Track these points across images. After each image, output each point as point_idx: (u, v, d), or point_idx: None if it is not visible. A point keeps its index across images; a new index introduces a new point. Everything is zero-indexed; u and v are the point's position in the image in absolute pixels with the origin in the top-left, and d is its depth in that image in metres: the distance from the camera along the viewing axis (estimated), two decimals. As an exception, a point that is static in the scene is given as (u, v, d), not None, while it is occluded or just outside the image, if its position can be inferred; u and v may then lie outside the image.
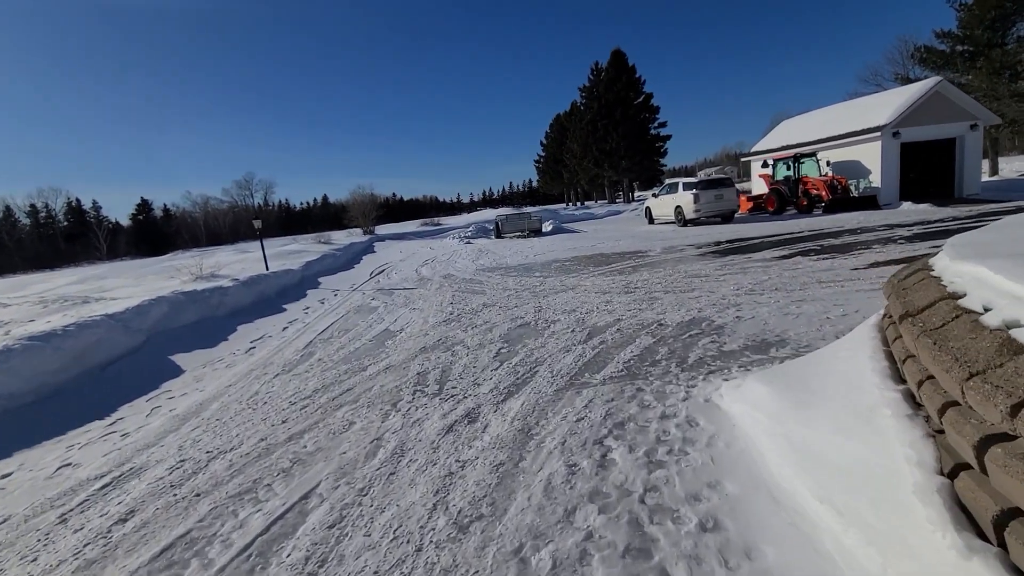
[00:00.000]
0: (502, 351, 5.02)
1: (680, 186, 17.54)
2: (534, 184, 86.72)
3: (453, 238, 23.84)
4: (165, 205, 78.83)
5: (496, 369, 4.50)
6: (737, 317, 5.33)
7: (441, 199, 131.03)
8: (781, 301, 5.79)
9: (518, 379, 4.21)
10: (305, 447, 3.36)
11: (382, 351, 5.57)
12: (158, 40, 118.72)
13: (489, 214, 35.24)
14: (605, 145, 39.58)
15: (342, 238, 28.71)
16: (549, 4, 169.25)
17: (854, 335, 3.00)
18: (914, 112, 16.10)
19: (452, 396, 3.99)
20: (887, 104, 16.84)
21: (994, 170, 25.18)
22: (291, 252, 17.64)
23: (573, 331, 5.47)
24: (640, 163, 40.44)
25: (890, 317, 2.66)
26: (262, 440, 3.55)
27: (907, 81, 24.18)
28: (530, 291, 8.21)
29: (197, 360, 6.09)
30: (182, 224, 79.66)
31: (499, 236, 22.21)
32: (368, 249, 23.56)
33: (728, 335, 4.77)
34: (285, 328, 7.44)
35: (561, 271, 10.14)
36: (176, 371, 5.73)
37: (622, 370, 4.15)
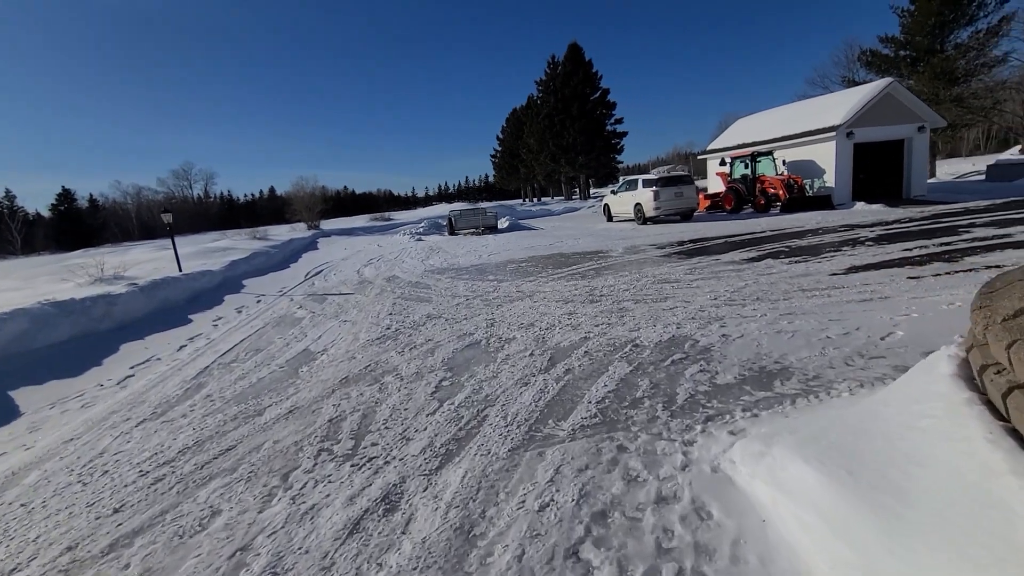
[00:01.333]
0: (444, 384, 3.99)
1: (640, 183, 16.97)
2: (490, 179, 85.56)
3: (404, 234, 22.47)
4: (92, 195, 72.16)
5: (433, 413, 3.46)
6: (723, 335, 4.53)
7: (396, 193, 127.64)
8: (768, 315, 5.04)
9: (461, 430, 3.19)
10: (127, 568, 2.21)
11: (292, 384, 4.41)
12: (77, 15, 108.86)
13: (443, 209, 33.94)
14: (562, 140, 38.98)
15: (283, 233, 26.65)
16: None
17: (921, 381, 2.17)
18: (867, 113, 16.17)
19: (369, 461, 2.92)
20: (841, 104, 16.87)
21: (931, 172, 26.28)
22: (218, 250, 15.83)
23: (532, 354, 4.50)
24: (597, 159, 40.13)
25: (994, 363, 1.81)
26: (66, 552, 2.36)
27: (853, 84, 24.76)
28: (482, 299, 7.20)
29: (46, 396, 4.70)
30: (111, 216, 73.33)
31: (453, 233, 21.05)
32: (310, 246, 21.81)
33: (718, 361, 3.94)
34: (182, 347, 6.09)
35: (518, 274, 9.18)
36: (9, 414, 4.34)
37: (595, 415, 3.21)
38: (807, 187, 16.61)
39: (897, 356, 3.74)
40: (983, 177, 20.46)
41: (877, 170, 17.38)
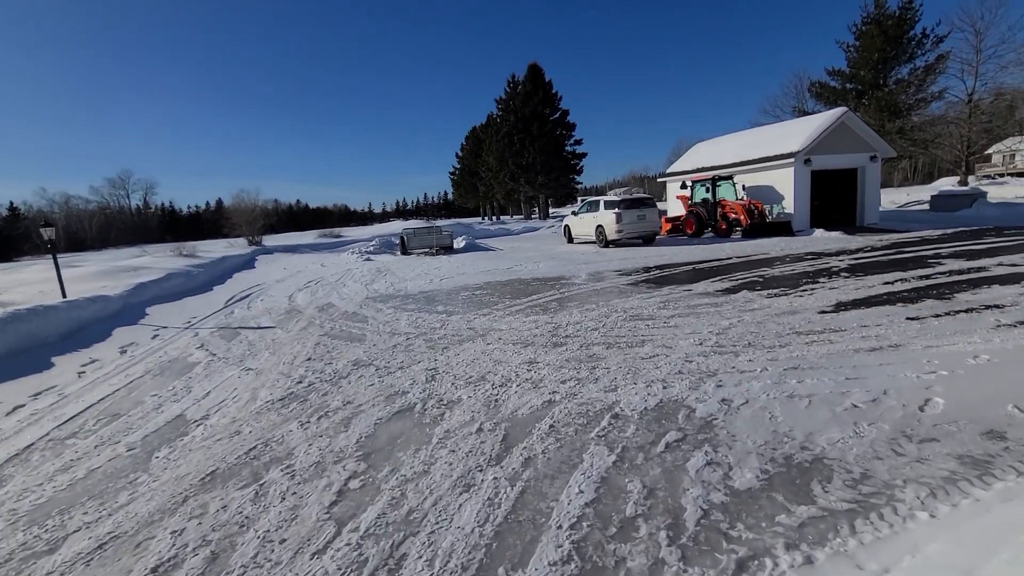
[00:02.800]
0: (351, 488, 2.79)
1: (601, 204, 16.33)
2: (449, 196, 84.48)
3: (352, 253, 20.94)
4: (12, 203, 65.90)
5: (322, 552, 2.27)
6: (724, 401, 3.56)
7: (353, 208, 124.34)
8: (769, 368, 4.14)
9: (361, 588, 2.02)
10: None
11: (132, 484, 3.09)
12: None
13: (398, 227, 32.48)
14: (522, 160, 38.50)
15: (218, 250, 24.49)
16: (469, 13, 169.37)
17: None
18: (823, 140, 16.24)
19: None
20: (798, 131, 16.92)
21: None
22: (130, 269, 13.87)
23: (480, 429, 3.38)
24: (557, 179, 39.86)
25: None
26: None
27: (804, 113, 25.47)
28: (426, 338, 6.03)
29: None
30: (34, 227, 67.24)
31: (405, 253, 19.73)
32: (246, 264, 19.92)
33: (727, 446, 2.94)
34: (16, 409, 4.58)
35: (471, 304, 8.06)
36: None
37: (568, 557, 2.12)
38: (767, 212, 16.43)
39: (953, 439, 2.87)
40: (927, 207, 21.15)
41: (832, 197, 17.48)
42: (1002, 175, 42.21)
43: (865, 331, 5.07)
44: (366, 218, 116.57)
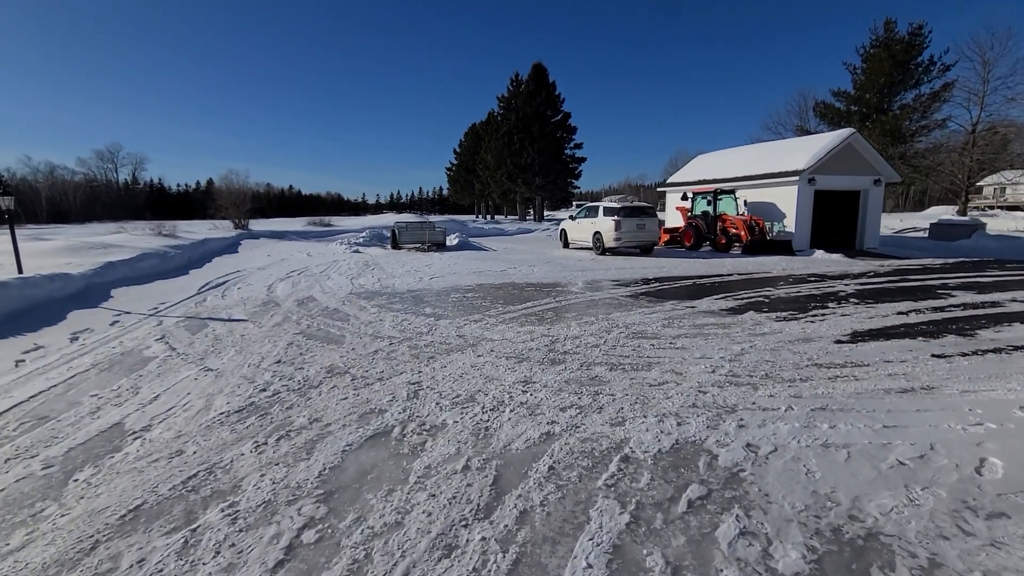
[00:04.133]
0: (301, 548, 2.25)
1: (600, 211, 15.88)
2: (445, 192, 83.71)
3: (340, 244, 20.28)
4: (-6, 169, 63.83)
5: (258, 637, 1.75)
6: (749, 447, 3.09)
7: (346, 198, 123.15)
8: (795, 408, 3.68)
9: None
10: None
11: (32, 518, 2.53)
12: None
13: (391, 219, 31.80)
14: (520, 160, 38.00)
15: (203, 231, 23.67)
16: (470, 10, 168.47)
17: None
18: (828, 161, 15.97)
19: None
20: (804, 149, 16.64)
21: (872, 225, 27.19)
22: (100, 246, 13.12)
23: (467, 467, 2.87)
24: (554, 182, 39.43)
25: None
26: None
27: (805, 132, 25.30)
28: (411, 345, 5.50)
29: None
30: (15, 195, 65.12)
31: (396, 247, 19.12)
32: (229, 248, 19.18)
33: (762, 509, 2.47)
34: (-70, 403, 3.96)
35: (461, 308, 7.54)
36: None
37: (579, 669, 1.62)
38: (768, 230, 16.12)
39: (1021, 515, 2.42)
40: (924, 234, 21.04)
41: (833, 219, 17.25)
42: (992, 207, 42.69)
43: (890, 367, 4.65)
44: (359, 208, 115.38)
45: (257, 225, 30.50)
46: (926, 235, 20.57)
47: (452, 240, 20.87)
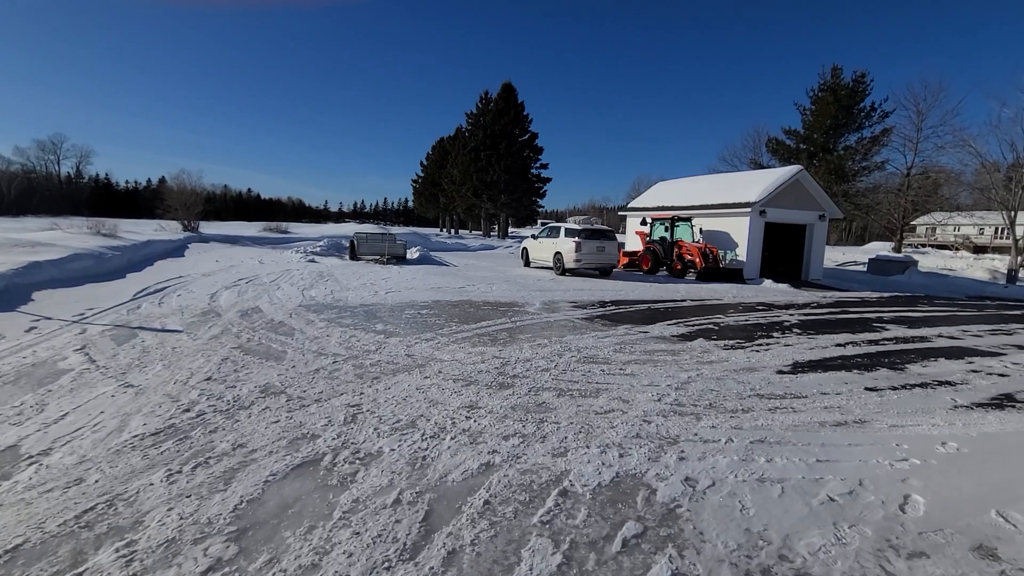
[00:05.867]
0: (208, 583, 2.06)
1: (562, 231, 16.06)
2: (410, 204, 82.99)
3: (296, 252, 19.67)
4: (-85, 156, 58.83)
5: None
6: (687, 480, 3.08)
7: (308, 204, 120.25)
8: (735, 440, 3.72)
9: None
10: None
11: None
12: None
13: (351, 229, 31.16)
14: (486, 176, 38.19)
15: (148, 232, 22.45)
16: (442, 26, 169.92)
17: None
18: (779, 195, 16.77)
19: None
20: (756, 182, 17.42)
21: (816, 257, 28.69)
22: (29, 244, 12.18)
23: (398, 503, 2.72)
24: (519, 200, 39.79)
25: None
26: None
27: (759, 166, 26.62)
28: (356, 364, 5.29)
29: None
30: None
31: (354, 258, 18.68)
32: (175, 252, 18.26)
33: (695, 550, 2.43)
34: None
35: (414, 325, 7.36)
36: None
37: None
38: (721, 258, 16.70)
39: (943, 555, 2.49)
40: (863, 268, 22.32)
41: (781, 250, 18.06)
42: (924, 245, 45.96)
43: (826, 400, 4.81)
44: (320, 216, 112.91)
45: (209, 228, 29.24)
46: (865, 269, 21.82)
47: (413, 253, 20.60)
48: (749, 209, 16.52)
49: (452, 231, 52.25)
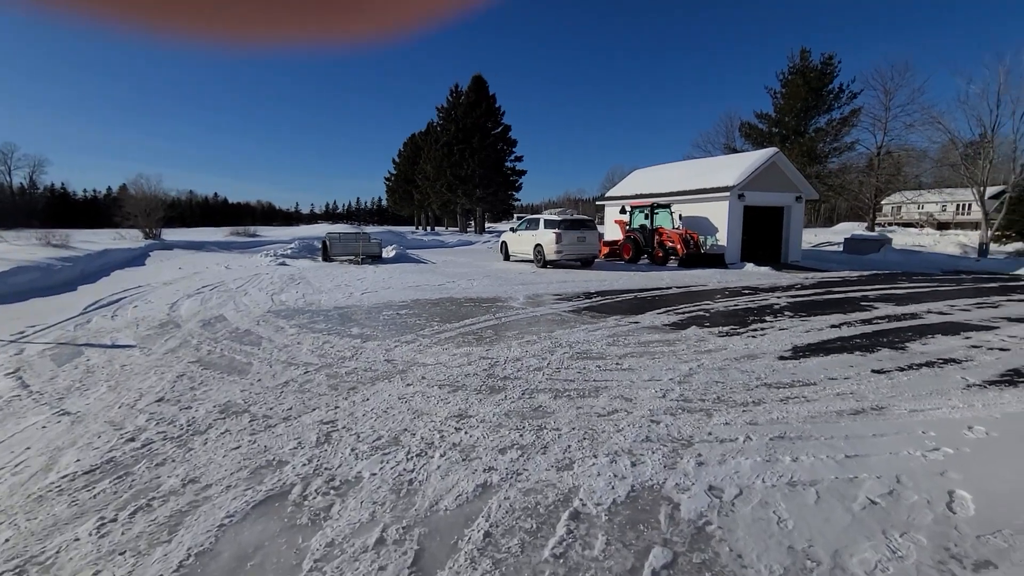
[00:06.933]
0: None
1: (541, 223, 15.67)
2: (384, 203, 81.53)
3: (265, 255, 18.79)
4: None
5: None
6: (713, 492, 2.73)
7: (278, 207, 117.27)
8: (753, 438, 3.39)
9: None
10: None
11: None
12: None
13: (324, 230, 30.22)
14: (460, 171, 37.53)
15: (105, 241, 21.23)
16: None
17: None
18: (756, 178, 16.70)
19: None
20: (734, 167, 17.33)
21: (792, 239, 29.01)
22: (-34, 257, 11.19)
23: (381, 543, 2.28)
24: (495, 194, 39.26)
25: None
26: None
27: (733, 151, 26.67)
28: (330, 373, 4.80)
29: None
30: None
31: (327, 259, 17.93)
32: (135, 260, 17.24)
33: (737, 577, 2.07)
34: None
35: (393, 327, 6.88)
36: None
37: None
38: (702, 243, 16.57)
39: (1010, 561, 2.19)
40: (839, 248, 22.57)
41: (761, 233, 18.04)
42: (890, 224, 47.19)
43: (836, 385, 4.54)
44: (291, 218, 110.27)
45: (172, 235, 27.92)
46: (840, 249, 22.07)
47: (389, 252, 19.95)
48: (728, 193, 16.41)
49: (428, 228, 51.40)
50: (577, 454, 3.15)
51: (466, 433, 3.44)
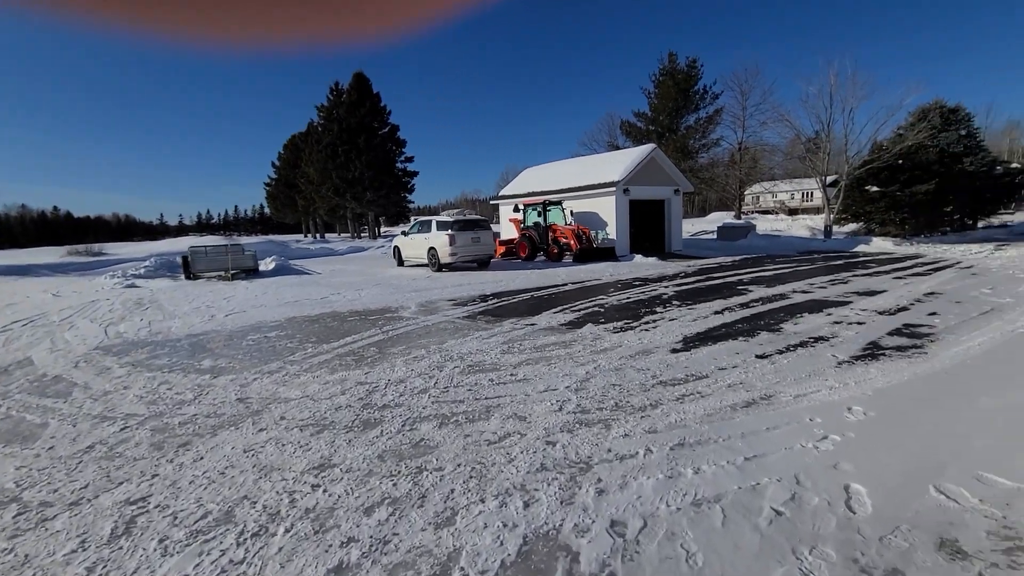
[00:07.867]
0: None
1: (434, 225, 15.00)
2: (266, 211, 74.99)
3: (111, 277, 15.96)
4: None
5: None
6: (615, 528, 2.36)
7: (140, 220, 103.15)
8: (652, 449, 3.13)
9: None
10: None
11: None
12: None
13: (187, 244, 26.72)
14: (347, 173, 35.40)
15: None
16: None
17: None
18: (638, 173, 17.48)
19: None
20: (618, 163, 18.00)
21: (672, 230, 31.26)
22: None
23: None
24: (387, 196, 37.59)
25: None
26: None
27: (616, 148, 28.00)
28: (158, 425, 3.81)
29: None
30: None
31: (191, 277, 15.69)
32: (-80, 294, 13.66)
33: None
34: None
35: (257, 355, 5.87)
36: None
37: None
38: (594, 238, 16.99)
39: (915, 564, 2.06)
40: (713, 236, 24.59)
41: (646, 225, 18.97)
42: (752, 212, 53.00)
43: (726, 376, 4.52)
44: (154, 232, 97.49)
45: (-14, 258, 22.95)
46: (715, 237, 24.05)
47: (268, 264, 17.99)
48: (614, 188, 16.97)
49: (318, 236, 47.99)
50: (462, 500, 2.64)
51: (325, 492, 2.77)
